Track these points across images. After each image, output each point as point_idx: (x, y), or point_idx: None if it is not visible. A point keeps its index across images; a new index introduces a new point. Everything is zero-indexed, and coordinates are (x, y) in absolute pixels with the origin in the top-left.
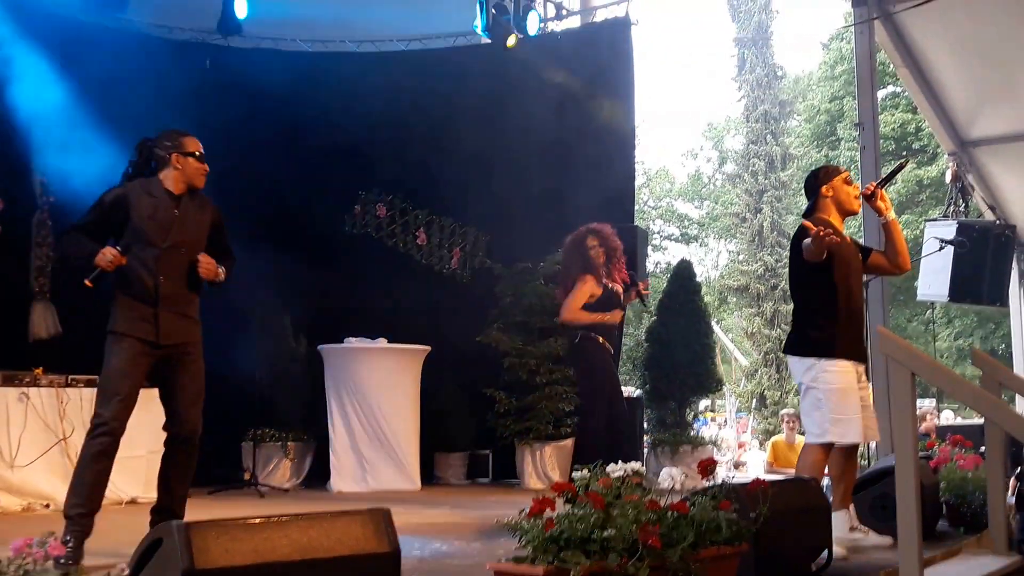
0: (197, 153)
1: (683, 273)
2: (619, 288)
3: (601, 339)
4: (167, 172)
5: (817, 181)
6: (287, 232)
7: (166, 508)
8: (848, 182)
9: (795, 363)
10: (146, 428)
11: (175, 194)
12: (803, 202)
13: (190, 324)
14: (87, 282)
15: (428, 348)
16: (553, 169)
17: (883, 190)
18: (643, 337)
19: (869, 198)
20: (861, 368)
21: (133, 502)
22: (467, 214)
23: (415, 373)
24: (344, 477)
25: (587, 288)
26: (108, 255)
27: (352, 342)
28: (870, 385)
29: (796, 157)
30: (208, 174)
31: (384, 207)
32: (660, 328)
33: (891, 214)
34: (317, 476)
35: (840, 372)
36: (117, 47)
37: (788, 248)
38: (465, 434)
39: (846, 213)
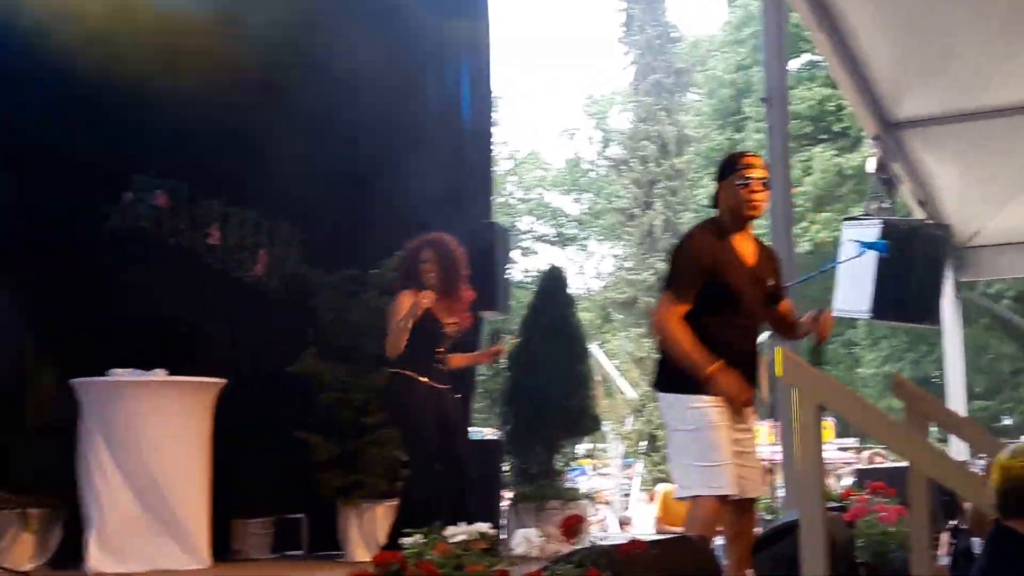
0: None
1: (553, 283)
2: (454, 323)
3: (424, 379)
4: None
5: (718, 174)
6: (21, 230)
7: None
8: (744, 183)
9: (660, 400)
10: None
11: None
12: (703, 195)
13: None
14: None
15: (223, 381)
16: (389, 150)
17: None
18: (502, 364)
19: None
20: (742, 406)
21: None
22: (276, 205)
23: (205, 414)
24: (105, 555)
25: (398, 303)
26: None
27: (118, 374)
28: (759, 428)
29: (694, 139)
30: None
31: (165, 195)
32: (523, 353)
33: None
34: (69, 554)
35: (709, 410)
36: None
37: (667, 255)
38: (272, 494)
39: (740, 221)
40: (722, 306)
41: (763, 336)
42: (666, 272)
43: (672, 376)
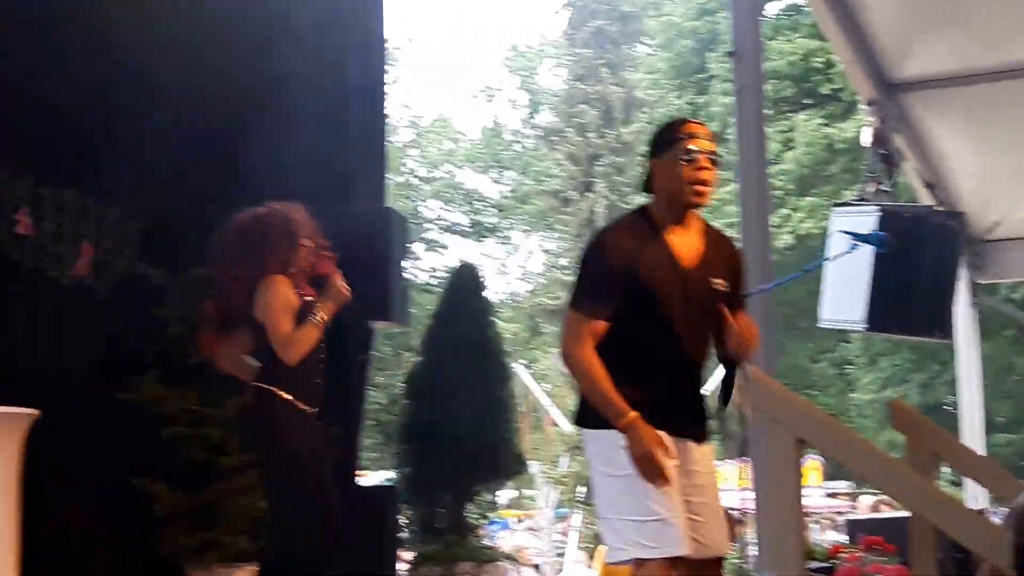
0: None
1: (465, 285)
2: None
3: (290, 398)
4: None
5: (650, 148)
6: None
7: None
8: (687, 159)
9: (584, 438)
10: None
11: None
12: None
13: None
14: None
15: (35, 412)
16: (251, 116)
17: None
18: (400, 389)
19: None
20: (693, 444)
21: None
22: (106, 185)
23: (10, 455)
24: None
25: (283, 294)
26: None
27: None
28: (723, 469)
29: (646, 103)
30: None
31: None
32: (426, 374)
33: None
34: None
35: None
36: None
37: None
38: (101, 554)
39: (679, 209)
40: (649, 322)
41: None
42: (574, 283)
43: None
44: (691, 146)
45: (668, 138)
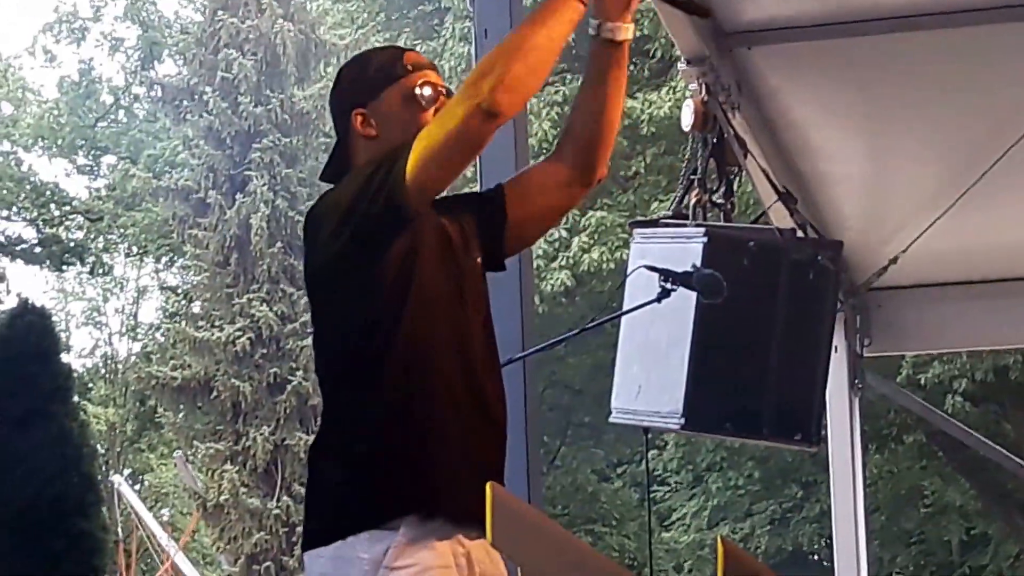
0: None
1: (23, 341)
2: None
3: None
4: None
5: (343, 98)
6: None
7: None
8: (418, 89)
9: (313, 565)
10: None
11: None
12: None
13: None
14: None
15: None
16: None
17: None
18: None
19: None
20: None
21: None
22: None
23: None
24: None
25: None
26: None
27: None
28: None
29: (335, 51)
30: None
31: None
32: None
33: (628, 29)
34: None
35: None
36: None
37: (304, 261)
38: None
39: None
40: (430, 314)
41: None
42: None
43: (339, 505)
44: (422, 80)
45: (384, 74)
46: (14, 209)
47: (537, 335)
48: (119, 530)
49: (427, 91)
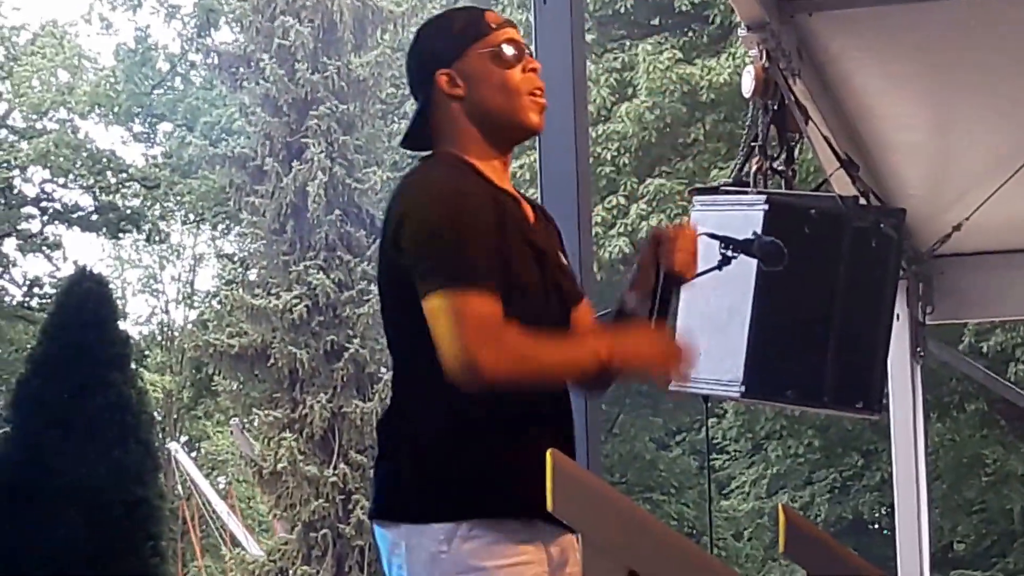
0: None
1: (83, 308)
2: None
3: None
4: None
5: (425, 60)
6: None
7: None
8: (501, 47)
9: (396, 540)
10: None
11: None
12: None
13: None
14: None
15: None
16: None
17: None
18: None
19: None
20: (569, 541)
21: None
22: None
23: None
24: None
25: None
26: None
27: None
28: None
29: (392, 18)
30: None
31: None
32: (14, 461)
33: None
34: None
35: (521, 566)
36: None
37: (379, 245)
38: None
39: (515, 136)
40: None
41: None
42: (420, 254)
43: (437, 485)
44: (506, 38)
45: (468, 34)
46: (71, 176)
47: (596, 302)
48: (176, 497)
49: (511, 49)
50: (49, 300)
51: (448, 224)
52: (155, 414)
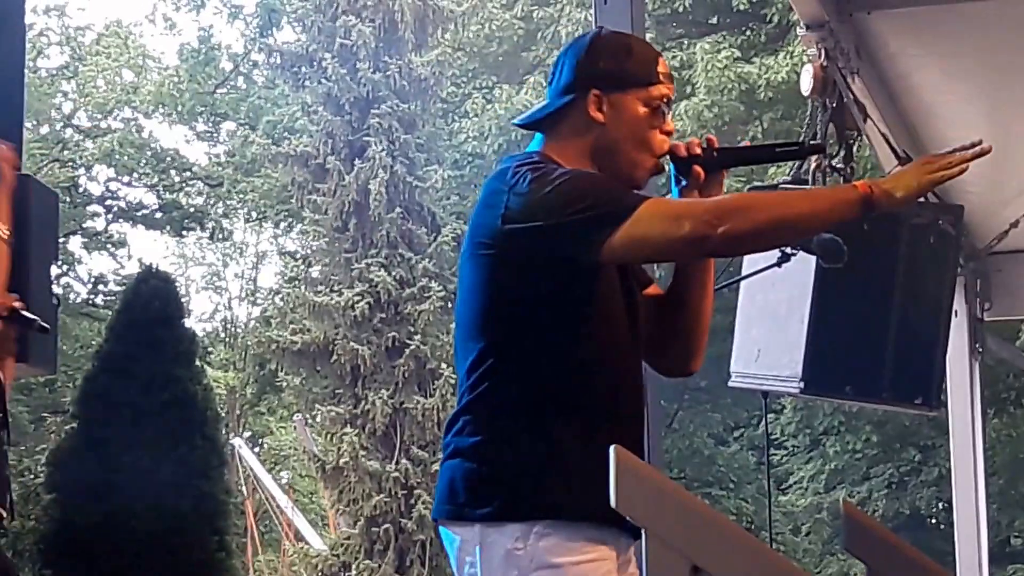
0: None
1: (150, 305)
2: None
3: None
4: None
5: (590, 72)
6: None
7: None
8: (659, 103)
9: (468, 541)
10: None
11: None
12: (473, 130)
13: None
14: None
15: None
16: None
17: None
18: (41, 476)
19: (686, 161)
20: (632, 549)
21: None
22: None
23: None
24: None
25: None
26: None
27: None
28: None
29: (453, 18)
30: None
31: None
32: (83, 452)
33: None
34: None
35: (595, 563)
36: None
37: (469, 233)
38: None
39: (616, 178)
40: (588, 322)
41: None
42: (585, 205)
43: (513, 486)
44: (668, 98)
45: (639, 74)
46: (135, 175)
47: None
48: (240, 492)
49: (665, 110)
50: (113, 297)
51: (589, 181)
52: (219, 410)
